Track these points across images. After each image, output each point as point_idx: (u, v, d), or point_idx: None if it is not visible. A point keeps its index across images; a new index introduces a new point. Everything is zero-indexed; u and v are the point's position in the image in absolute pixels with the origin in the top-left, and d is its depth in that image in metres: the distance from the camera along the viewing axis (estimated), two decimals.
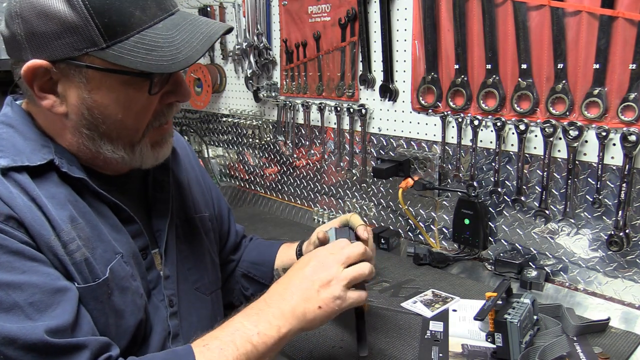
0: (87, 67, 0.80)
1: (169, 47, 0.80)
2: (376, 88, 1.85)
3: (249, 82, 2.32)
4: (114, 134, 0.87)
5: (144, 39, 0.79)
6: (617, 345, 1.17)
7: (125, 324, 0.88)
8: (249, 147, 2.50)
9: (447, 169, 1.70)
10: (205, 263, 1.12)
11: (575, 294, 1.43)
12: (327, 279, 0.91)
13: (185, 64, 0.80)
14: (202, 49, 0.81)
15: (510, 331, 1.05)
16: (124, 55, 0.78)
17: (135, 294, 0.91)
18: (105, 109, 0.83)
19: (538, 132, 1.46)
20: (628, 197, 1.31)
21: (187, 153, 1.21)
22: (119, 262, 0.88)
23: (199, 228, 1.13)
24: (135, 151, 0.90)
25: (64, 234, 0.82)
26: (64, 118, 0.85)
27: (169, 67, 0.80)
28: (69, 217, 0.83)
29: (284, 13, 2.12)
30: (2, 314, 0.72)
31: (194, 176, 1.19)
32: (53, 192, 0.83)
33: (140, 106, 0.85)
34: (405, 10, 1.71)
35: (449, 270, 1.62)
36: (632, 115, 1.28)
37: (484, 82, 1.54)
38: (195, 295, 1.08)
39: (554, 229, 1.48)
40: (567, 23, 1.36)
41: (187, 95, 0.90)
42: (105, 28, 0.77)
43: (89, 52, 0.78)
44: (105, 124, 0.85)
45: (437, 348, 1.16)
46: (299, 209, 2.26)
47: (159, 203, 1.03)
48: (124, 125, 0.86)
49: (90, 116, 0.84)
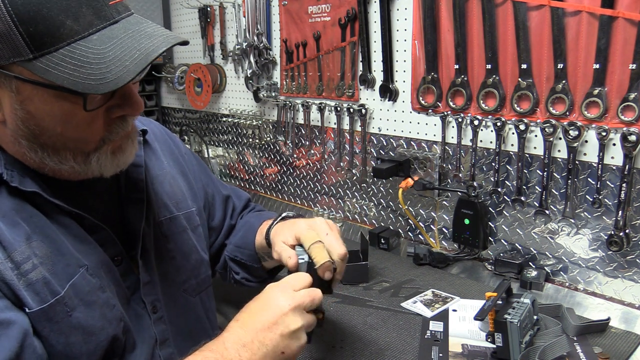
0: (15, 77, 0.72)
1: (98, 65, 0.71)
2: (376, 88, 1.85)
3: (249, 82, 2.32)
4: (59, 145, 0.79)
5: (73, 52, 0.71)
6: (617, 345, 1.17)
7: (95, 340, 0.83)
8: (249, 147, 2.50)
9: (447, 169, 1.70)
10: (193, 262, 1.08)
11: (575, 294, 1.43)
12: (288, 325, 0.83)
13: (114, 85, 0.71)
14: (135, 69, 0.72)
15: (510, 331, 1.05)
16: (51, 69, 0.70)
17: (105, 307, 0.85)
18: (40, 121, 0.76)
19: (538, 132, 1.46)
20: (628, 197, 1.31)
21: (168, 145, 1.14)
22: (82, 276, 0.83)
23: (184, 226, 1.08)
24: (90, 161, 0.82)
25: (17, 254, 0.76)
26: (3, 125, 0.78)
27: (95, 88, 0.71)
28: (23, 234, 0.78)
29: (284, 13, 2.12)
30: None
31: (177, 170, 1.13)
32: (4, 210, 0.78)
33: (80, 120, 0.77)
34: (405, 10, 1.71)
35: (449, 270, 1.62)
36: (632, 115, 1.28)
37: (484, 82, 1.54)
38: (183, 297, 1.04)
39: (554, 229, 1.48)
40: (567, 23, 1.36)
41: (138, 108, 0.81)
42: (31, 38, 0.69)
43: (16, 62, 0.71)
44: (44, 136, 0.77)
45: (437, 348, 1.16)
46: (299, 209, 2.26)
47: (132, 204, 0.96)
48: (65, 137, 0.78)
49: (26, 128, 0.77)
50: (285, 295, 0.85)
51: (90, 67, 0.71)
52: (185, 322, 1.03)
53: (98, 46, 0.72)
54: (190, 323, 1.04)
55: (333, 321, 1.30)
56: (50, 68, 0.71)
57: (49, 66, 0.71)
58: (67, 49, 0.71)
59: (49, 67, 0.71)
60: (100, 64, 0.71)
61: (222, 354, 0.80)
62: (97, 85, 0.71)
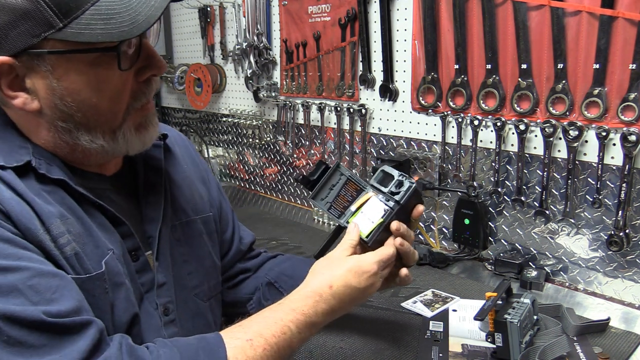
0: (49, 53, 0.77)
1: (127, 12, 0.77)
2: (376, 88, 1.85)
3: (249, 82, 2.32)
4: (92, 122, 0.84)
5: (99, 9, 0.76)
6: (617, 345, 1.17)
7: (118, 320, 0.86)
8: (249, 147, 2.50)
9: (447, 169, 1.70)
10: (206, 267, 1.09)
11: (575, 294, 1.43)
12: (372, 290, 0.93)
13: (147, 24, 0.77)
14: (162, 5, 0.79)
15: (510, 331, 1.05)
16: (83, 30, 0.75)
17: (129, 291, 0.89)
18: (77, 95, 0.81)
19: (538, 132, 1.46)
20: (628, 197, 1.31)
21: (188, 151, 1.17)
22: (111, 258, 0.86)
23: (200, 230, 1.09)
24: (117, 138, 0.87)
25: (54, 227, 0.80)
26: (38, 115, 0.82)
27: (130, 32, 0.76)
28: (57, 212, 0.81)
29: (284, 13, 2.12)
30: (2, 297, 0.70)
31: (196, 176, 1.15)
32: (38, 189, 0.81)
33: (113, 86, 0.82)
34: (405, 10, 1.71)
35: (449, 270, 1.62)
36: (632, 115, 1.28)
37: (484, 82, 1.54)
38: (194, 301, 1.05)
39: (554, 229, 1.48)
40: (567, 23, 1.36)
41: (163, 66, 0.87)
42: (58, 6, 0.74)
43: (48, 36, 0.75)
44: (80, 112, 0.82)
45: (437, 348, 1.16)
46: (299, 209, 2.26)
47: (150, 207, 0.99)
48: (99, 110, 0.83)
49: (64, 106, 0.81)
50: (379, 275, 0.94)
51: (120, 15, 0.76)
52: (195, 326, 1.03)
53: None
54: (199, 328, 1.04)
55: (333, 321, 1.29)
56: (81, 30, 0.75)
57: (80, 29, 0.75)
58: (93, 8, 0.76)
59: (80, 29, 0.75)
60: (129, 10, 0.77)
61: (312, 319, 0.88)
62: (130, 30, 0.76)
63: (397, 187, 0.99)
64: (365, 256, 0.94)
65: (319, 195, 1.05)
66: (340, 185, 1.05)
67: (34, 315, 0.70)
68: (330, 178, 1.05)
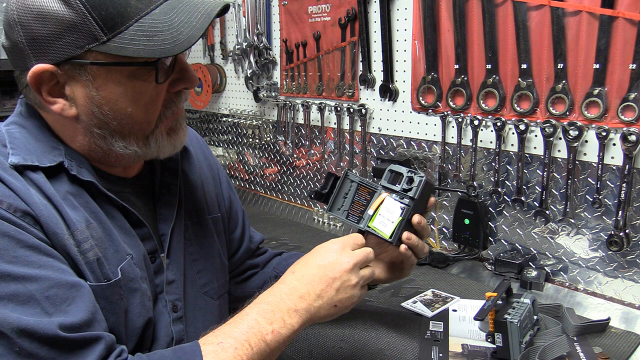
0: (91, 63, 0.80)
1: (169, 30, 0.80)
2: (376, 88, 1.85)
3: (249, 82, 2.32)
4: (126, 130, 0.87)
5: (143, 26, 0.79)
6: (617, 345, 1.17)
7: (132, 325, 0.88)
8: (249, 147, 2.50)
9: (447, 169, 1.70)
10: (216, 266, 1.11)
11: (575, 294, 1.43)
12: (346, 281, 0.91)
13: (187, 44, 0.80)
14: (202, 26, 0.81)
15: (510, 331, 1.05)
16: (126, 45, 0.78)
17: (144, 296, 0.91)
18: (114, 104, 0.84)
19: (538, 132, 1.46)
20: (628, 197, 1.31)
21: (202, 150, 1.20)
22: (128, 264, 0.88)
23: (211, 230, 1.12)
24: (149, 143, 0.90)
25: (78, 232, 0.82)
26: (75, 121, 0.85)
27: (171, 50, 0.79)
28: (82, 217, 0.84)
29: (284, 13, 2.12)
30: (19, 306, 0.72)
31: (209, 175, 1.18)
32: (64, 193, 0.84)
33: (148, 97, 0.86)
34: (405, 10, 1.71)
35: (449, 270, 1.62)
36: (632, 115, 1.28)
37: (484, 82, 1.54)
38: (203, 299, 1.07)
39: (554, 229, 1.48)
40: (567, 23, 1.36)
41: (195, 80, 0.91)
42: (104, 21, 0.77)
43: (91, 48, 0.78)
44: (115, 120, 0.85)
45: (437, 348, 1.16)
46: (299, 209, 2.26)
47: (164, 206, 1.02)
48: (134, 119, 0.86)
49: (101, 114, 0.84)
50: (346, 253, 0.92)
51: (162, 33, 0.79)
52: (203, 324, 1.04)
53: (163, 16, 0.80)
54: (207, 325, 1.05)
55: (333, 321, 1.29)
56: (124, 44, 0.78)
57: (123, 44, 0.78)
58: (136, 25, 0.79)
59: (123, 44, 0.78)
60: (171, 29, 0.80)
61: (277, 305, 0.86)
62: (172, 48, 0.79)
63: (408, 183, 1.03)
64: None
65: (334, 205, 1.09)
66: (353, 192, 1.08)
67: (48, 330, 0.71)
68: (341, 187, 1.08)
